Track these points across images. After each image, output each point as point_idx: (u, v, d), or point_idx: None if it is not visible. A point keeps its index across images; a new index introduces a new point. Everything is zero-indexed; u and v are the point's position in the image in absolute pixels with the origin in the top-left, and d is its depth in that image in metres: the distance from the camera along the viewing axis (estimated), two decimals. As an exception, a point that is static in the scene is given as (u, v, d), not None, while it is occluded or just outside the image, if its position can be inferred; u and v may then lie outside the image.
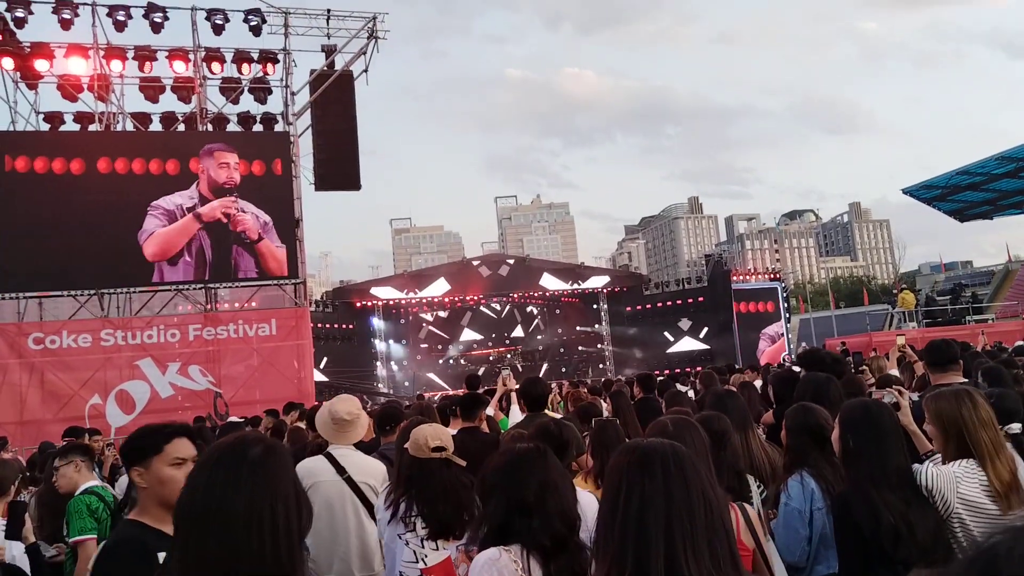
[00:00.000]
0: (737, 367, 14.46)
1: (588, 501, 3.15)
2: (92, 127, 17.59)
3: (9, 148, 16.33)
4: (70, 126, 17.54)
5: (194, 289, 17.57)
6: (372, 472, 4.48)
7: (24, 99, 17.34)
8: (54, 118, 17.50)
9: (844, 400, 3.98)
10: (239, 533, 1.65)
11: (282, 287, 18.15)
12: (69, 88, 17.33)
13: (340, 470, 4.41)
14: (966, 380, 4.74)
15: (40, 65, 16.95)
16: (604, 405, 7.81)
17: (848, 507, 3.02)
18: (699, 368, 21.66)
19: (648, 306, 40.70)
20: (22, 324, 16.16)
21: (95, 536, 4.20)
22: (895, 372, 7.28)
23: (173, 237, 16.68)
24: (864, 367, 7.25)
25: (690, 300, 39.10)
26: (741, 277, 38.60)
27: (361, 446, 5.26)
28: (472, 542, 2.68)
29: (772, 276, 39.59)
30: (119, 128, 18.01)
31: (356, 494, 4.31)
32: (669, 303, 40.02)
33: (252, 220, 17.28)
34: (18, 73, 17.00)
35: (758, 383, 8.75)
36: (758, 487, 3.62)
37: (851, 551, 3.06)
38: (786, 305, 38.46)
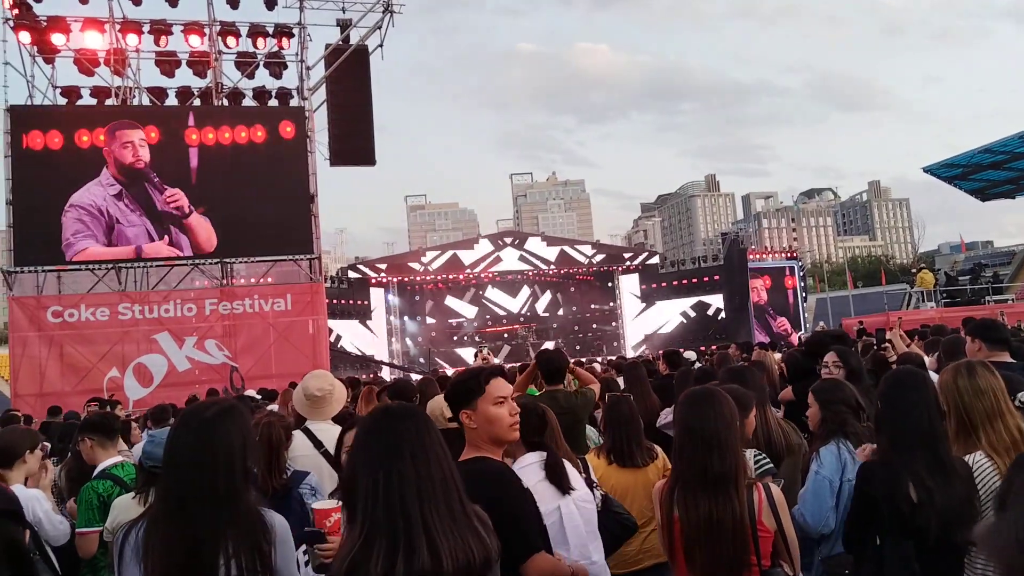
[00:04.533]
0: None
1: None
2: (108, 101, 17.62)
3: (25, 124, 16.40)
4: (87, 100, 17.57)
5: (210, 264, 17.65)
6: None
7: (41, 73, 17.38)
8: (71, 92, 17.53)
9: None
10: (191, 473, 2.28)
11: (297, 262, 18.20)
12: (86, 62, 17.34)
13: (317, 444, 4.51)
14: (1013, 362, 4.67)
15: (57, 39, 16.95)
16: (620, 383, 7.80)
17: (870, 475, 3.00)
18: (714, 347, 21.58)
19: (664, 284, 40.55)
20: (41, 298, 16.32)
21: (98, 530, 4.23)
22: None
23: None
24: (887, 343, 7.21)
25: (706, 278, 38.92)
26: (758, 256, 38.37)
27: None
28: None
29: (789, 255, 39.34)
30: (135, 102, 18.04)
31: (334, 467, 4.34)
32: (685, 281, 39.87)
33: (182, 195, 17.15)
34: (35, 47, 17.02)
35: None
36: (757, 460, 3.59)
37: (859, 517, 3.03)
38: (802, 284, 38.21)
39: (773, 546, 2.84)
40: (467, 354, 37.44)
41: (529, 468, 3.34)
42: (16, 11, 16.49)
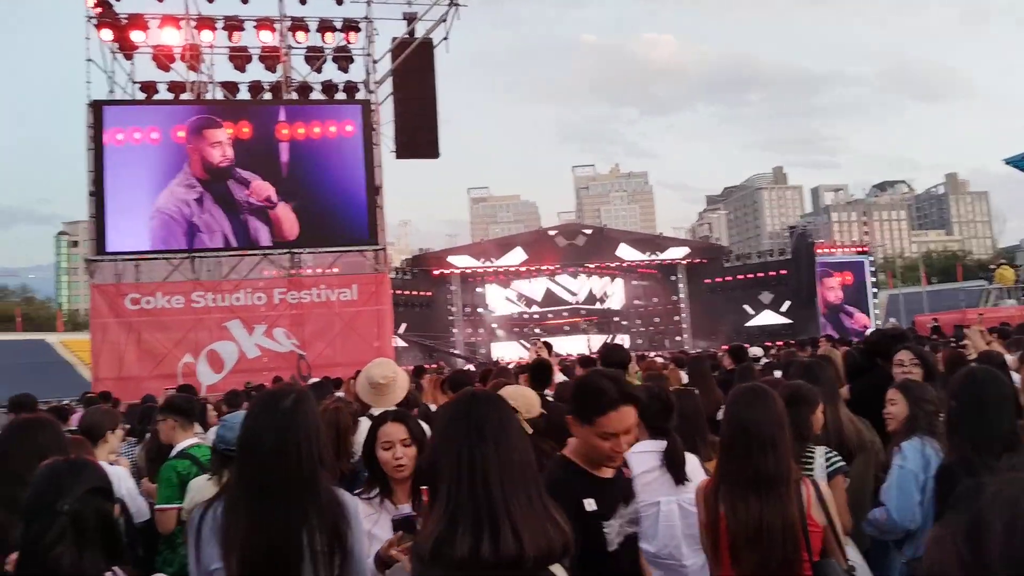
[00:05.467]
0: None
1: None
2: (184, 96, 18.19)
3: (108, 121, 17.02)
4: (163, 95, 18.17)
5: (279, 254, 18.10)
6: None
7: (121, 69, 18.03)
8: (149, 87, 18.14)
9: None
10: (272, 458, 2.36)
11: (363, 253, 18.52)
12: (163, 58, 17.92)
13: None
14: None
15: (136, 36, 17.56)
16: (684, 377, 7.73)
17: (950, 476, 2.91)
18: (779, 343, 21.16)
19: (728, 278, 39.95)
20: (120, 285, 16.98)
21: (177, 507, 4.40)
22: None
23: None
24: (965, 341, 6.98)
25: (772, 273, 38.19)
26: (827, 250, 37.43)
27: (428, 414, 5.38)
28: None
29: (860, 249, 38.28)
30: (208, 97, 18.57)
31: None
32: (750, 275, 39.20)
33: (264, 185, 17.48)
34: (116, 44, 17.66)
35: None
36: (828, 458, 3.51)
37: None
38: (873, 280, 37.14)
39: (823, 541, 2.79)
40: (522, 346, 37.60)
41: (643, 456, 3.32)
42: (99, 9, 17.15)
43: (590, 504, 2.63)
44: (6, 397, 9.02)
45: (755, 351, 10.97)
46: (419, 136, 19.10)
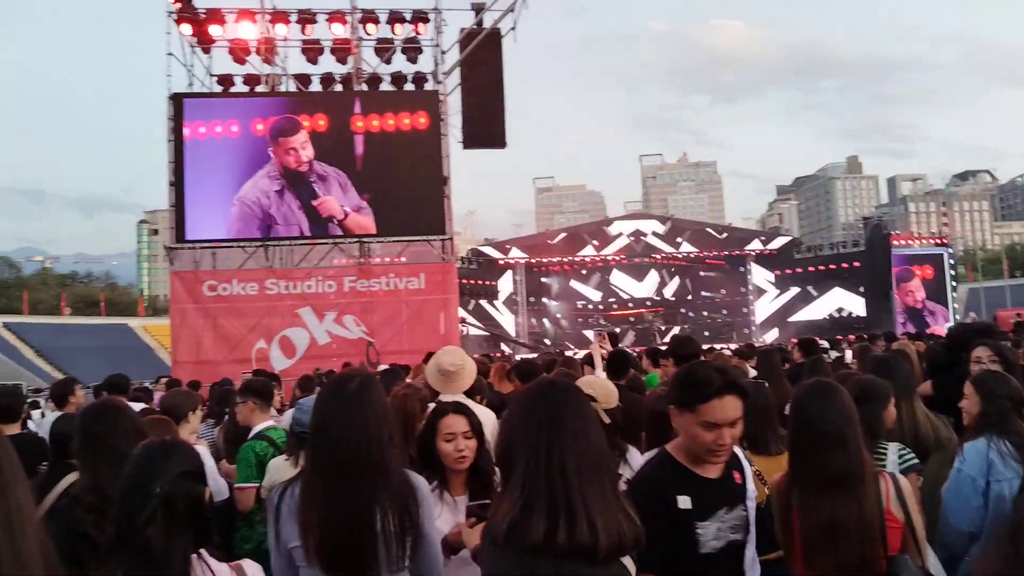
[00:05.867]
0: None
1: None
2: (259, 88, 18.66)
3: (187, 114, 17.59)
4: (239, 87, 18.67)
5: (349, 243, 18.46)
6: (483, 420, 4.68)
7: (199, 63, 18.60)
8: (225, 80, 18.67)
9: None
10: (344, 441, 2.45)
11: (430, 243, 18.74)
12: (239, 52, 18.41)
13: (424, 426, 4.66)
14: None
15: (214, 30, 18.08)
16: (750, 370, 7.63)
17: None
18: (851, 336, 20.63)
19: (799, 270, 39.10)
20: (198, 272, 17.59)
21: (255, 486, 4.58)
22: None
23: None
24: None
25: (845, 265, 37.21)
26: (903, 242, 36.24)
27: (495, 402, 5.45)
28: None
29: (938, 241, 36.93)
30: (282, 89, 19.01)
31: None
32: (822, 267, 38.29)
33: (332, 202, 17.74)
34: (195, 39, 18.22)
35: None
36: (901, 455, 3.43)
37: None
38: (953, 273, 35.81)
39: (902, 538, 2.73)
40: (589, 336, 37.49)
41: None
42: (179, 5, 17.71)
43: (684, 501, 2.51)
44: (92, 377, 9.49)
45: (825, 344, 10.75)
46: (486, 126, 19.18)
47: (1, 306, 66.20)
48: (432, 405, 4.83)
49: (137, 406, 6.15)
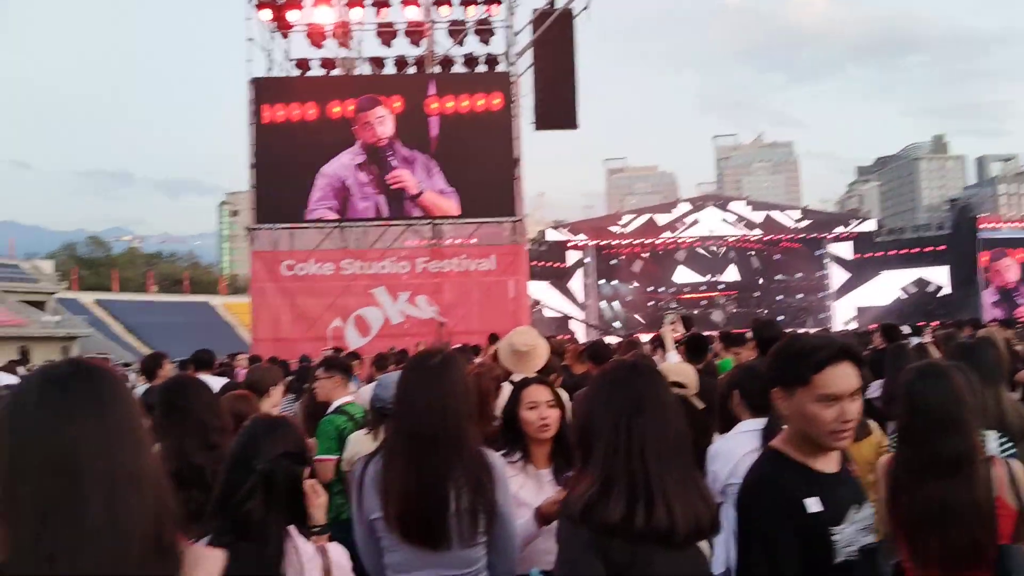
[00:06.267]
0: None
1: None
2: (334, 72, 19.00)
3: (267, 97, 18.05)
4: (316, 71, 19.05)
5: (422, 224, 18.71)
6: None
7: (278, 47, 19.03)
8: (303, 64, 19.08)
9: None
10: (424, 415, 2.53)
11: (501, 224, 18.84)
12: (316, 36, 18.76)
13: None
14: None
15: (291, 15, 18.46)
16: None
17: None
18: (935, 323, 19.89)
19: (879, 253, 37.84)
20: (277, 252, 18.11)
21: (335, 459, 4.72)
22: None
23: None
24: None
25: (929, 248, 35.85)
26: (992, 224, 34.68)
27: (568, 383, 5.48)
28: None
29: (1031, 224, 35.23)
30: (357, 72, 19.33)
31: None
32: (904, 251, 36.96)
33: (408, 176, 17.85)
34: (274, 24, 18.65)
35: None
36: (1000, 443, 3.33)
37: None
38: (1046, 257, 34.11)
39: (1014, 526, 2.63)
40: (655, 319, 37.11)
41: (746, 435, 3.32)
42: (259, -9, 18.14)
43: (814, 504, 2.11)
44: (176, 353, 9.92)
45: (907, 330, 10.42)
46: (558, 107, 19.11)
47: (93, 284, 69.46)
48: (505, 384, 4.93)
49: (221, 381, 6.43)
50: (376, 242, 18.84)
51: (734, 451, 3.30)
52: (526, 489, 3.03)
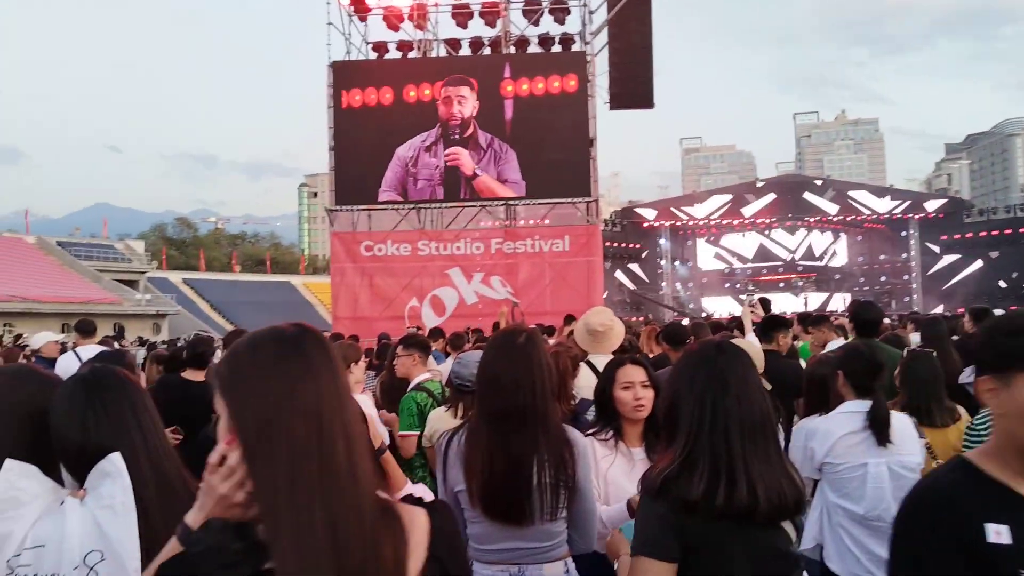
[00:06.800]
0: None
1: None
2: (411, 54, 19.21)
3: (345, 80, 18.38)
4: (393, 54, 19.29)
5: (497, 205, 18.82)
6: None
7: (356, 31, 19.34)
8: (380, 47, 19.33)
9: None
10: (510, 391, 2.57)
11: (575, 205, 18.79)
12: (392, 19, 18.98)
13: (599, 375, 4.73)
14: None
15: (370, -1, 18.74)
16: (910, 337, 7.27)
17: None
18: (1031, 307, 18.98)
19: (968, 234, 36.30)
20: (356, 233, 18.52)
21: (416, 434, 4.86)
22: None
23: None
24: None
25: (1022, 229, 34.11)
26: (1096, 204, 32.78)
27: (653, 363, 5.48)
28: None
29: None
30: (433, 54, 19.49)
31: None
32: (995, 232, 35.37)
33: (464, 156, 17.85)
34: (352, 8, 18.95)
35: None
36: None
37: None
38: None
39: None
40: (736, 301, 36.46)
41: (847, 416, 3.29)
42: (337, -25, 18.44)
43: (999, 533, 1.57)
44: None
45: (998, 314, 9.99)
46: (633, 86, 18.89)
47: (181, 263, 72.36)
48: (583, 364, 4.97)
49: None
50: (451, 223, 19.05)
51: (833, 431, 3.30)
52: (617, 467, 3.07)
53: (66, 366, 5.96)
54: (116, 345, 13.11)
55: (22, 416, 1.91)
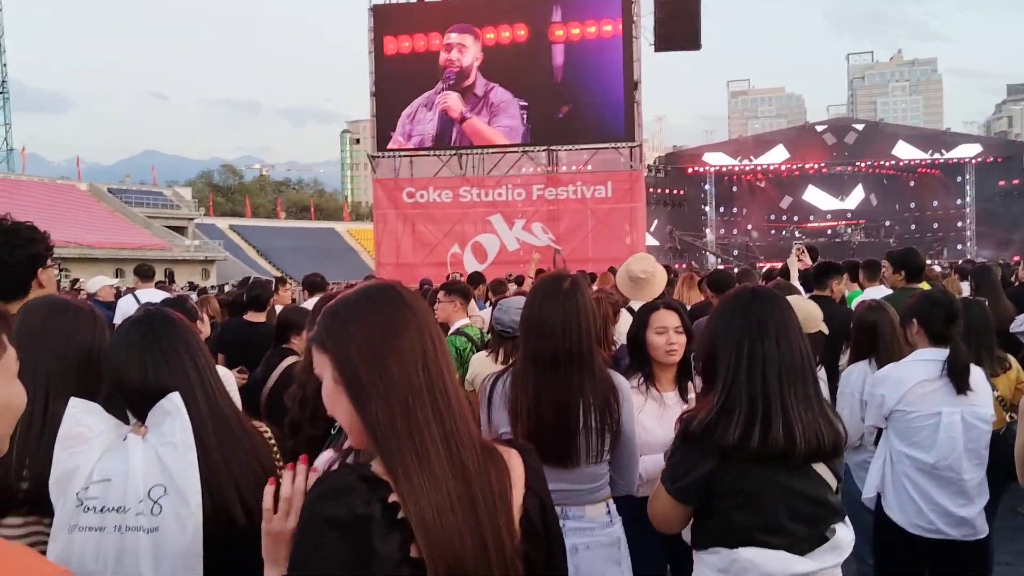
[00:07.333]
0: None
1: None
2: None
3: (386, 25, 18.17)
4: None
5: (538, 151, 18.65)
6: None
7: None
8: (423, -10, 19.02)
9: None
10: (557, 336, 2.57)
11: (617, 150, 18.54)
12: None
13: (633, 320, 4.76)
14: None
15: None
16: (964, 288, 7.11)
17: None
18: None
19: (1029, 180, 34.92)
20: (398, 180, 18.56)
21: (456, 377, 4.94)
22: None
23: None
24: None
25: (1088, 174, 32.80)
26: None
27: (693, 311, 5.45)
28: None
29: None
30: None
31: None
32: (1058, 177, 33.96)
33: (454, 100, 17.66)
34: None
35: None
36: None
37: None
38: None
39: None
40: (776, 248, 35.84)
41: (922, 364, 3.24)
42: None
43: None
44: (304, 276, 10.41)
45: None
46: (679, 27, 18.42)
47: (227, 210, 73.39)
48: (624, 311, 4.97)
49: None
50: (492, 170, 18.97)
51: (907, 378, 3.24)
52: (647, 412, 3.09)
53: (126, 309, 6.15)
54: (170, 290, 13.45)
55: (70, 347, 2.00)
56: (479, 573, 1.33)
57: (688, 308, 5.98)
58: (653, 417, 3.01)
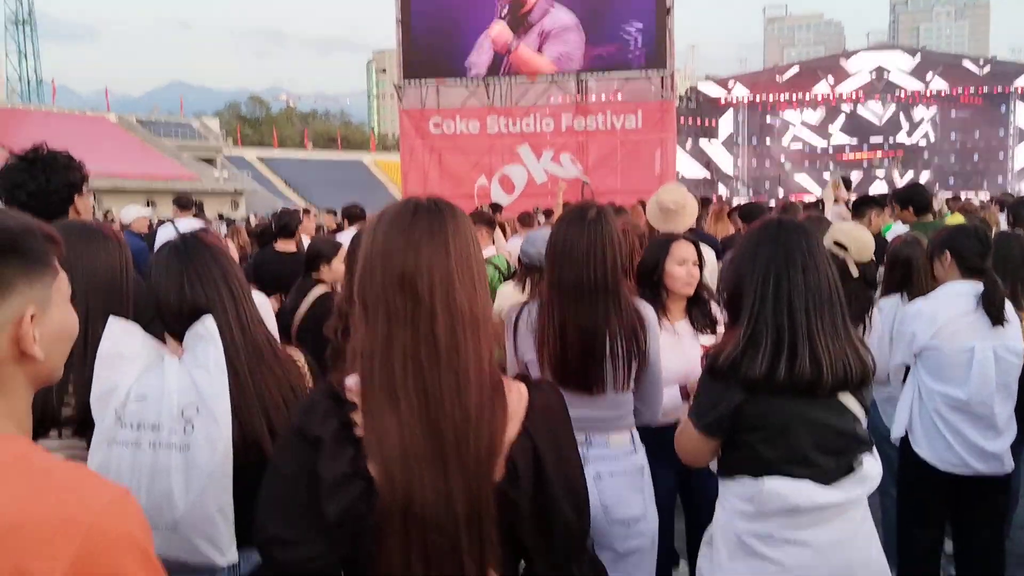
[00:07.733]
0: None
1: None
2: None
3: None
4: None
5: (567, 79, 18.27)
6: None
7: None
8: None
9: None
10: (583, 264, 2.58)
11: (648, 79, 18.10)
12: None
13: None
14: None
15: None
16: (1002, 220, 6.97)
17: None
18: None
19: (1078, 110, 33.70)
20: (424, 110, 18.32)
21: None
22: None
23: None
24: None
25: None
26: None
27: (723, 243, 5.39)
28: None
29: None
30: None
31: None
32: (1108, 108, 32.73)
33: (504, 31, 17.29)
34: None
35: None
36: None
37: None
38: None
39: None
40: (812, 182, 35.16)
41: (955, 298, 3.20)
42: None
43: None
44: (329, 206, 10.46)
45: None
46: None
47: (254, 141, 73.46)
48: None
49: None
50: (520, 100, 18.65)
51: (939, 312, 3.18)
52: (661, 343, 3.11)
53: (165, 237, 6.25)
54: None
55: (98, 271, 2.04)
56: (438, 499, 1.33)
57: (720, 241, 5.96)
58: (667, 348, 3.02)
